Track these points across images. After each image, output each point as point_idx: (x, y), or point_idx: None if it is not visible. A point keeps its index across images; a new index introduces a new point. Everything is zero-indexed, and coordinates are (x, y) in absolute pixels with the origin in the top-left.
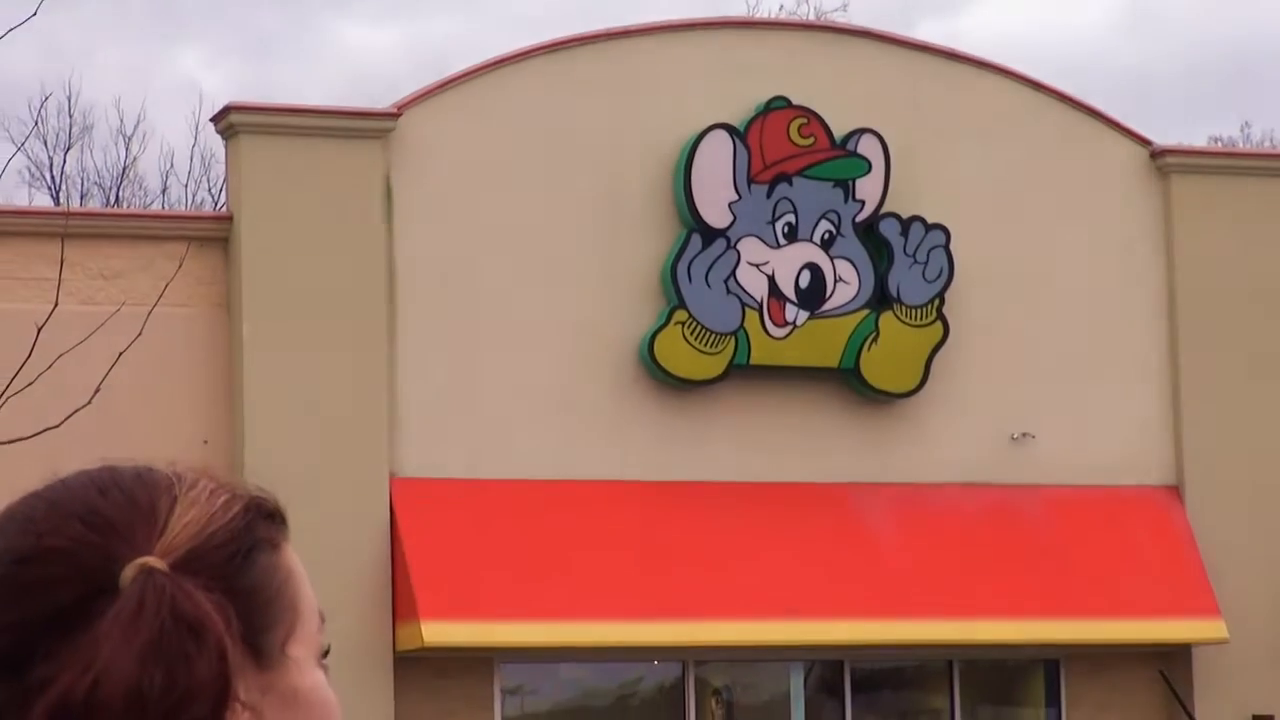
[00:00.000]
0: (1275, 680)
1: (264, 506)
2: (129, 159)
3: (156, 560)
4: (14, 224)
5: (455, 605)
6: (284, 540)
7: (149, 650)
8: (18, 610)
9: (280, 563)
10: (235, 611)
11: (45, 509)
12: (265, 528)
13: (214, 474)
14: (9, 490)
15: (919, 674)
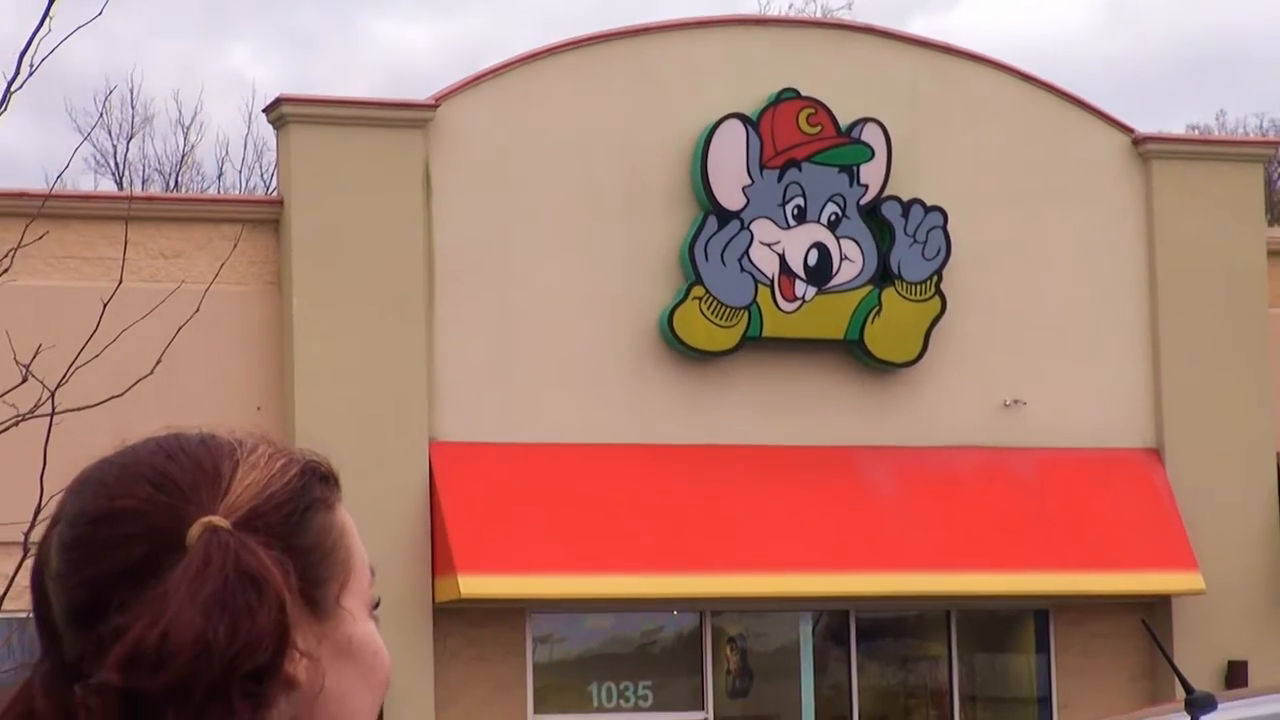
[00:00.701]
0: (1249, 629)
1: (318, 469)
2: (187, 147)
3: (220, 519)
4: (81, 208)
5: (490, 560)
6: (337, 500)
7: (214, 602)
8: (93, 567)
9: (334, 521)
10: (293, 565)
11: (117, 473)
12: (320, 489)
13: (272, 439)
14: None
15: (919, 623)
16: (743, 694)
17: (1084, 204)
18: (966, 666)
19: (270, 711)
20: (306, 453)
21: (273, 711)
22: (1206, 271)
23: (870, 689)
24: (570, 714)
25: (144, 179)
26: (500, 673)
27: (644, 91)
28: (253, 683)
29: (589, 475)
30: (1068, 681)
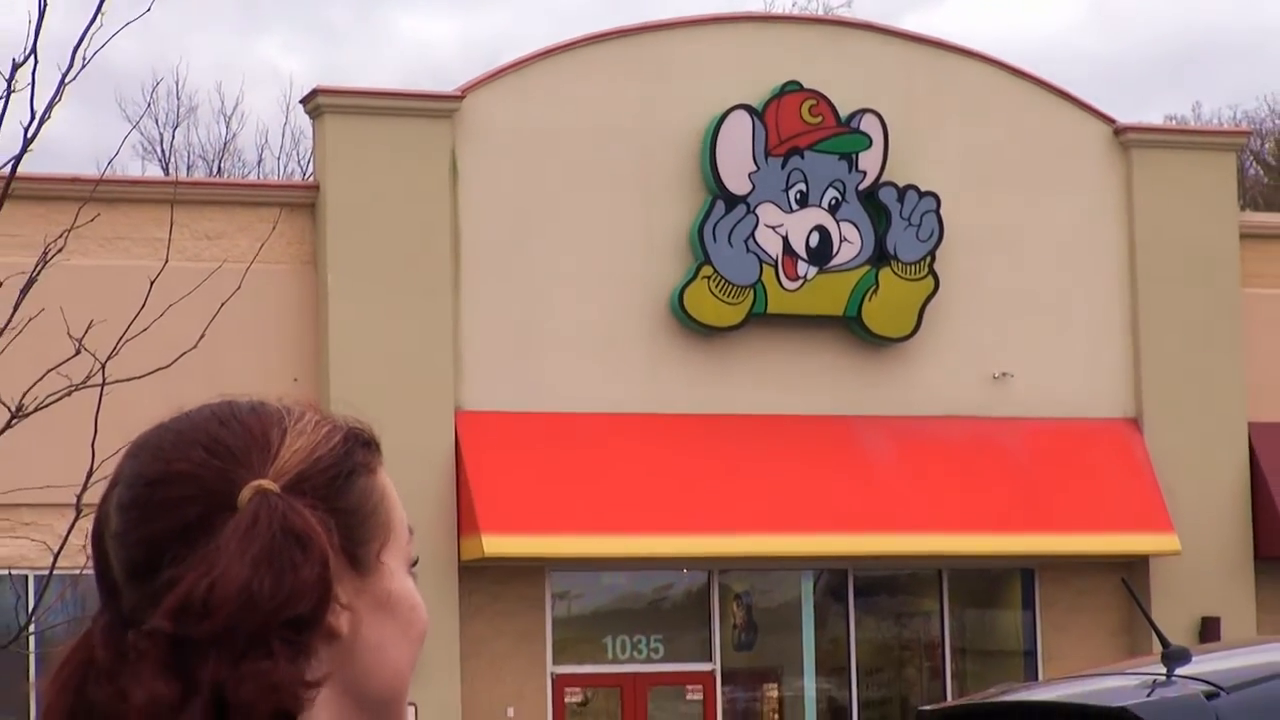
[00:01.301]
0: (1221, 587)
1: (361, 436)
2: (229, 135)
3: (270, 482)
4: (130, 192)
5: (511, 521)
6: (379, 465)
7: (260, 558)
8: (149, 526)
9: (375, 484)
10: (336, 525)
11: (173, 438)
12: (363, 454)
13: (318, 408)
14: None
15: (913, 581)
16: (748, 647)
17: (1068, 189)
18: (957, 621)
19: (310, 660)
20: (349, 420)
21: (313, 660)
22: (1183, 253)
23: (867, 642)
24: (586, 665)
25: (189, 165)
26: (521, 626)
27: (656, 83)
28: (293, 631)
29: (604, 442)
30: (1052, 636)
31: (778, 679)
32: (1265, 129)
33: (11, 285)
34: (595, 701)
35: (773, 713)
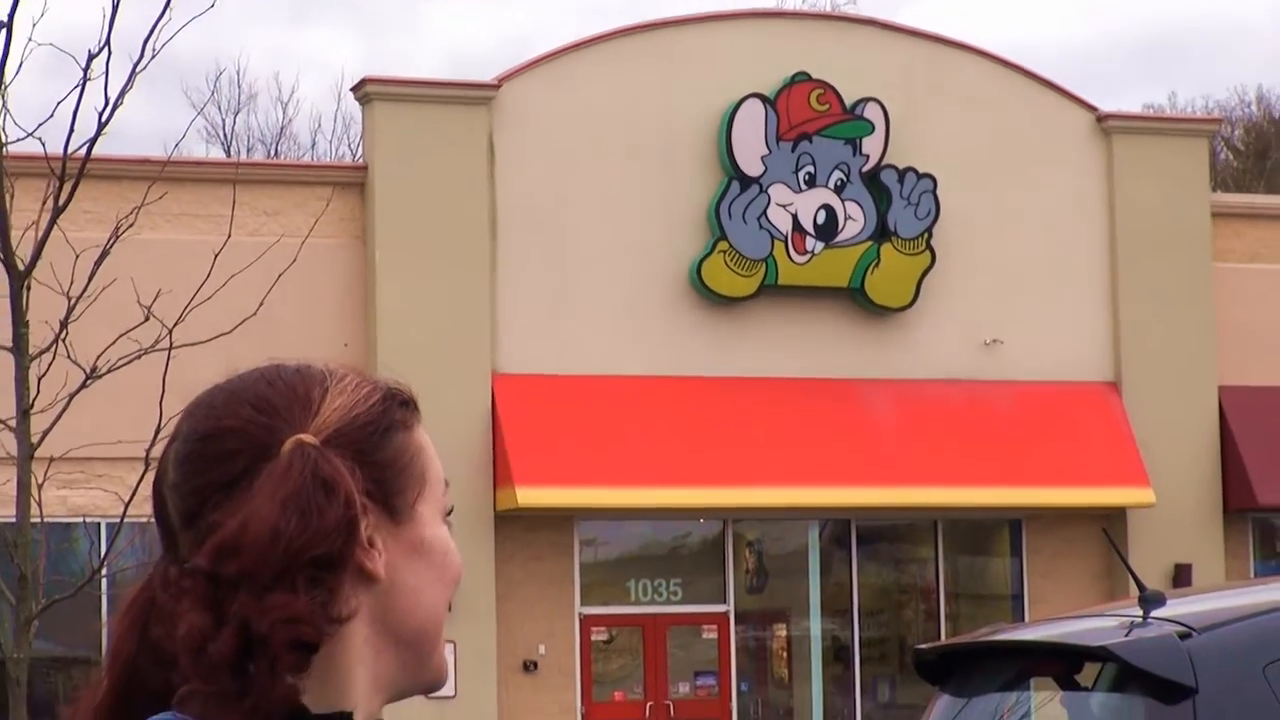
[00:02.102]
0: (1192, 537)
1: (399, 395)
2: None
3: (309, 436)
4: (195, 172)
5: (543, 474)
6: (416, 423)
7: (289, 500)
8: (201, 477)
9: (412, 440)
10: (373, 477)
11: (224, 397)
12: (400, 412)
13: (360, 370)
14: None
15: (910, 530)
16: (759, 590)
17: (1054, 171)
18: (951, 568)
19: (337, 597)
20: (389, 381)
21: (341, 597)
22: (1159, 230)
23: (868, 587)
24: (611, 606)
25: (249, 148)
26: (551, 570)
27: (677, 73)
28: (318, 569)
29: (628, 402)
30: (1038, 581)
31: (786, 620)
32: (1235, 117)
33: (87, 257)
34: (619, 640)
35: (782, 651)
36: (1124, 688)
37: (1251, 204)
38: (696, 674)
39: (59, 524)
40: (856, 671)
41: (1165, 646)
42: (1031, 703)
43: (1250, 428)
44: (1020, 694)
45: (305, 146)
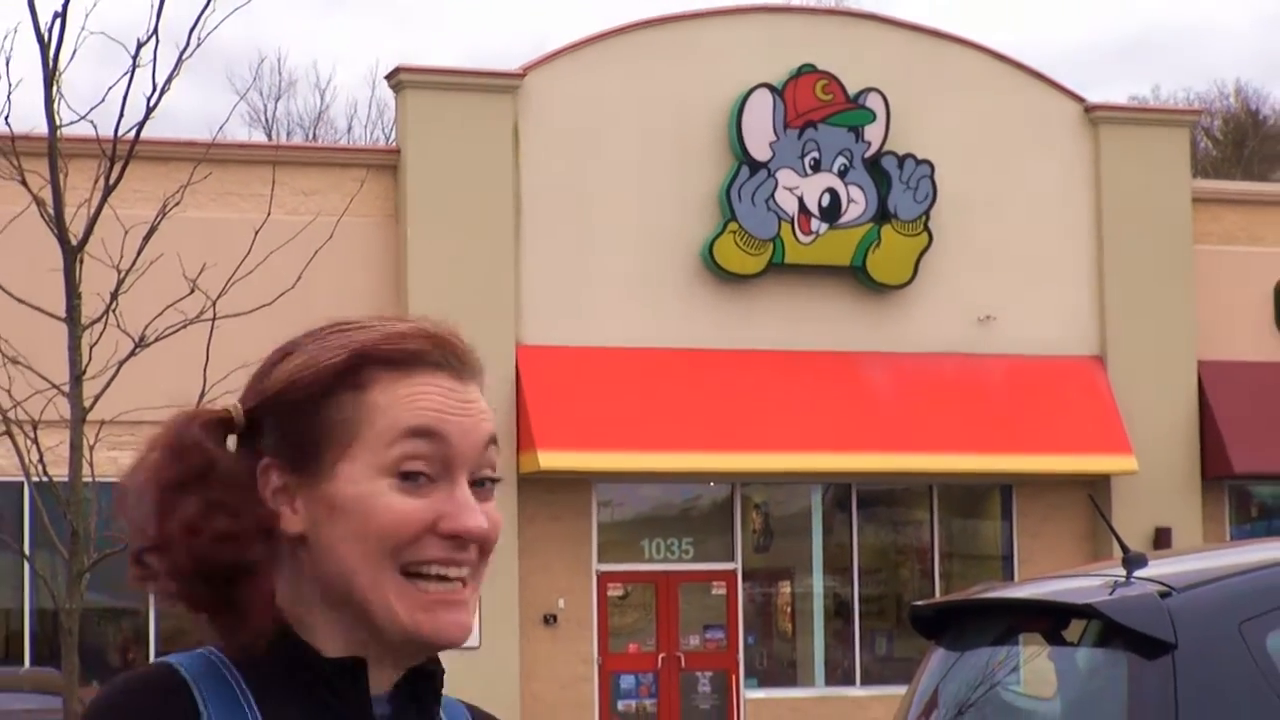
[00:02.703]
0: (1171, 502)
1: (376, 355)
2: (323, 106)
3: (235, 405)
4: (238, 154)
5: (563, 439)
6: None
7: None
8: None
9: (358, 400)
10: (294, 438)
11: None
12: (371, 373)
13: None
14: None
15: (907, 494)
16: (765, 550)
17: (1045, 158)
18: (945, 530)
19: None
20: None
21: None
22: (1143, 214)
23: (867, 547)
24: (626, 564)
25: (288, 132)
26: (570, 530)
27: (691, 64)
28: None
29: (643, 372)
30: (1026, 543)
31: (790, 577)
32: (1215, 108)
33: (135, 233)
34: (633, 595)
35: (786, 606)
36: (1108, 643)
37: (1229, 190)
38: (706, 627)
39: (109, 483)
40: (856, 626)
41: (1147, 605)
42: (1020, 657)
43: (1227, 400)
44: (1010, 648)
45: (341, 131)
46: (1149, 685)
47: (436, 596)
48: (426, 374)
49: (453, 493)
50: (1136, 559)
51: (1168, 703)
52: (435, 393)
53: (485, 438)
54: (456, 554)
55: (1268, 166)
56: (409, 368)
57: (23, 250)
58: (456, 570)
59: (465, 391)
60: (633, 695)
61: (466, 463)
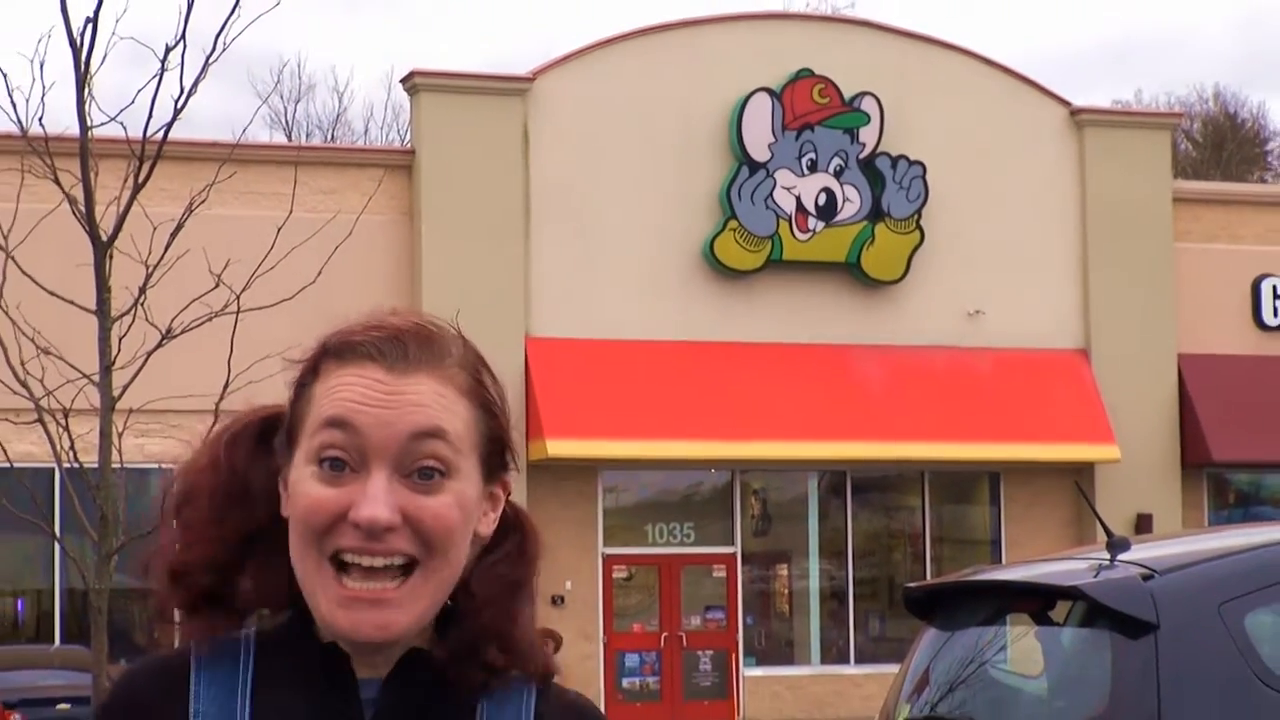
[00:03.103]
0: (1153, 489)
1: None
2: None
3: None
4: (260, 154)
5: (570, 428)
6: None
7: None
8: None
9: (311, 390)
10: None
11: None
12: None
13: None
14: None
15: (899, 481)
16: (763, 534)
17: (1031, 159)
18: (936, 515)
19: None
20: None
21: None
22: (1126, 213)
23: (862, 532)
24: (631, 548)
25: (307, 133)
26: (577, 515)
27: (693, 69)
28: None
29: (647, 364)
30: (1014, 528)
31: (788, 560)
32: (1194, 112)
33: (163, 230)
34: (637, 577)
35: (783, 588)
36: (1092, 624)
37: (1209, 190)
38: (707, 608)
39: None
40: (850, 607)
41: (1130, 586)
42: (1008, 637)
43: (1206, 391)
44: (998, 629)
45: (359, 132)
46: (1132, 664)
47: (354, 593)
48: (358, 365)
49: (365, 483)
50: (1120, 543)
51: (1150, 680)
52: (358, 384)
53: (408, 430)
54: (369, 544)
55: (1245, 168)
56: (345, 359)
57: (55, 246)
58: (371, 560)
59: (397, 384)
60: (637, 673)
61: (384, 454)
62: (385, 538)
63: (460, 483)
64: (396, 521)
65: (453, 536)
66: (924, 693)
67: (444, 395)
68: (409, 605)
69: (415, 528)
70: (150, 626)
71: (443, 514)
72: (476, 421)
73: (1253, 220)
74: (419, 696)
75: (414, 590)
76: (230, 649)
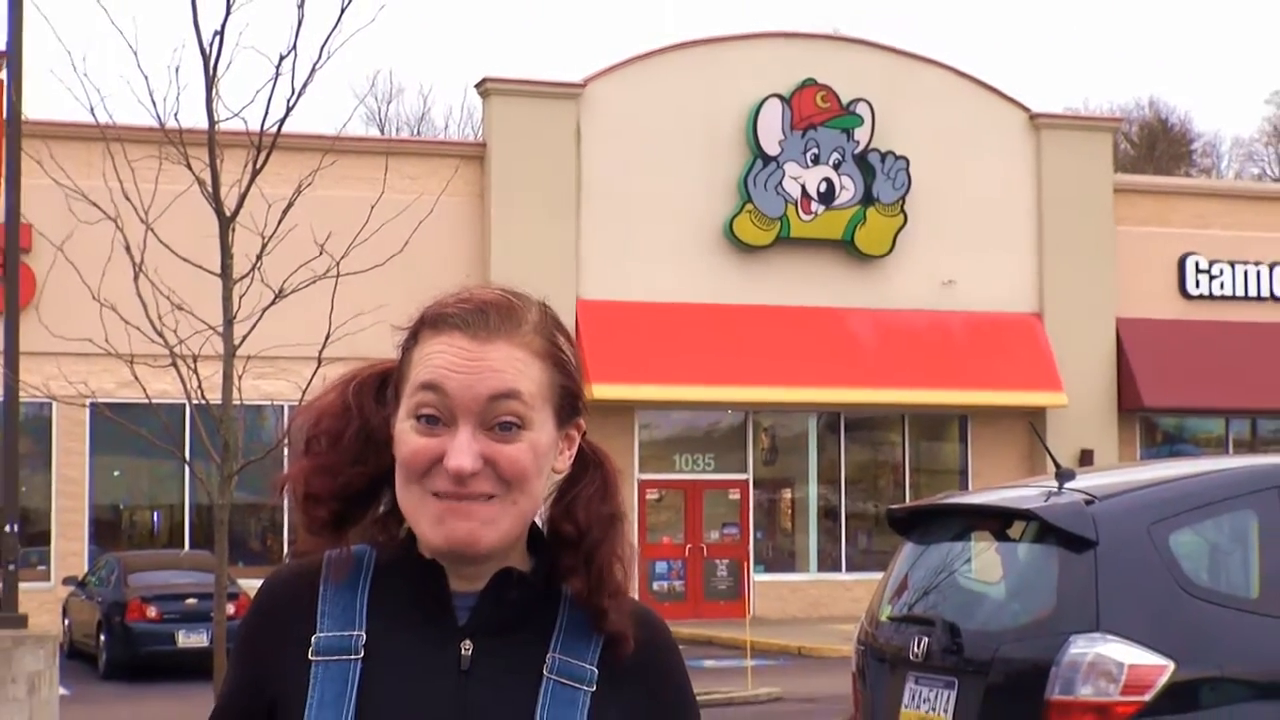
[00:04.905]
0: (1094, 429)
1: (426, 317)
2: (425, 108)
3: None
4: (358, 145)
5: (612, 374)
6: (424, 338)
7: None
8: None
9: (413, 354)
10: (394, 379)
11: None
12: (421, 331)
13: (475, 289)
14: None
15: (884, 421)
16: (771, 464)
17: (997, 155)
18: (914, 449)
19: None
20: (435, 304)
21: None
22: (1074, 200)
23: (853, 463)
24: (661, 474)
25: (397, 128)
26: (616, 447)
27: (717, 78)
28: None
29: (676, 322)
30: (979, 460)
31: (791, 486)
32: (1133, 117)
33: (276, 208)
34: (667, 499)
35: (787, 508)
36: (1043, 540)
37: (1143, 183)
38: (724, 525)
39: (253, 406)
40: (843, 525)
41: (1074, 510)
42: (973, 550)
43: (1139, 349)
44: (965, 544)
45: (439, 128)
46: (1075, 573)
47: (446, 506)
48: (448, 334)
49: (454, 435)
50: (1066, 474)
51: (1090, 587)
52: (448, 352)
53: (488, 393)
54: (458, 488)
55: (1174, 164)
56: (438, 328)
57: (187, 220)
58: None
59: (479, 351)
60: (665, 578)
61: (468, 412)
62: (470, 482)
63: (534, 432)
64: (479, 468)
65: (526, 476)
66: (903, 596)
67: (519, 359)
68: (493, 525)
69: (495, 470)
70: (263, 535)
71: (517, 458)
72: (550, 378)
73: (1180, 208)
74: (508, 606)
75: (497, 514)
76: (353, 561)
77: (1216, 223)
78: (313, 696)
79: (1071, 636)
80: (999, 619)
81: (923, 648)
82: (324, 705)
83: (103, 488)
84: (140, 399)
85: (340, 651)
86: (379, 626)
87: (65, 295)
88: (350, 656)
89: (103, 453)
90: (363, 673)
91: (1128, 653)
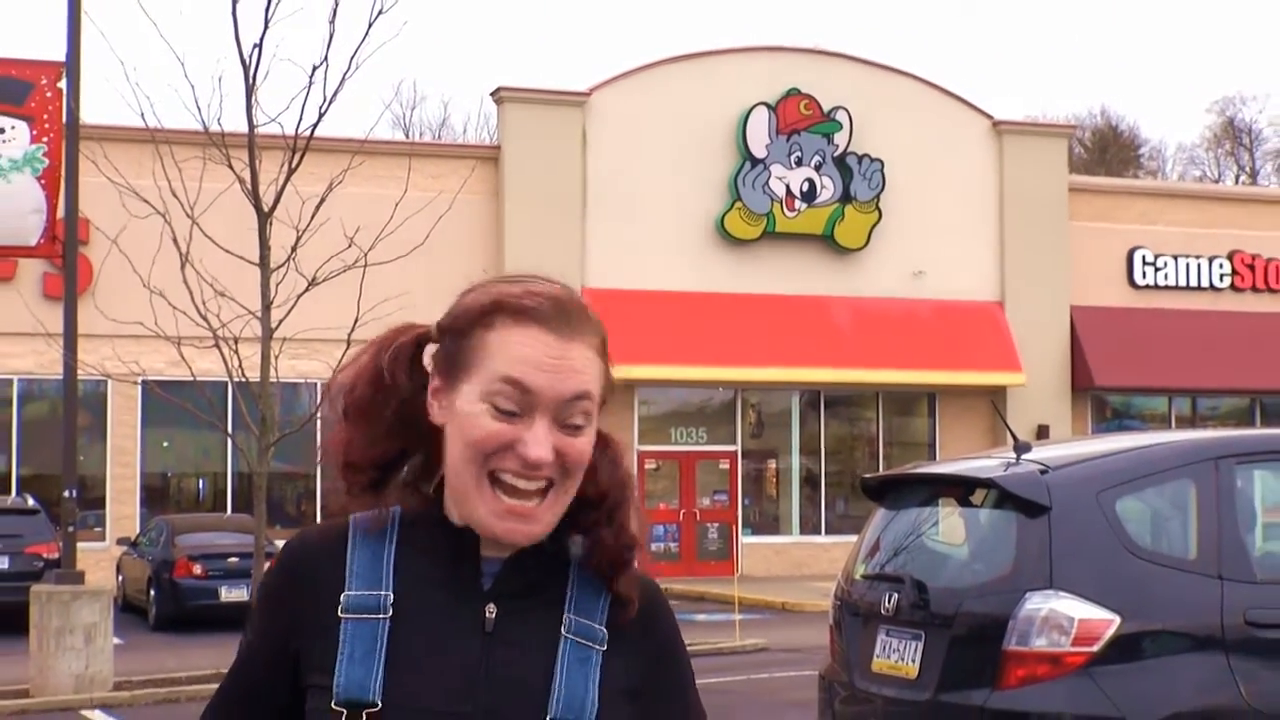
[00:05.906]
0: (1050, 407)
1: (506, 305)
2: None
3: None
4: (384, 148)
5: (615, 356)
6: (503, 326)
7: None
8: None
9: (489, 336)
10: (449, 352)
11: None
12: (498, 318)
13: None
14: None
15: (860, 399)
16: (757, 437)
17: (962, 158)
18: (887, 424)
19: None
20: (520, 292)
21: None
22: (1033, 199)
23: (832, 436)
24: (658, 445)
25: (420, 132)
26: (618, 421)
27: (710, 87)
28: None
29: (673, 308)
30: (946, 435)
31: (775, 457)
32: (1086, 124)
33: (310, 203)
34: (663, 469)
35: (772, 477)
36: (1002, 506)
37: (1095, 183)
38: (714, 492)
39: (289, 383)
40: (822, 492)
41: (1030, 479)
42: (939, 515)
43: (1091, 333)
44: (932, 509)
45: (459, 132)
46: (1031, 536)
47: (509, 507)
48: (535, 328)
49: (531, 426)
50: (1023, 446)
51: (1044, 549)
52: (535, 346)
53: (569, 393)
54: (527, 471)
55: (1123, 167)
56: (524, 319)
57: (229, 215)
58: (527, 484)
59: (563, 349)
60: (661, 540)
61: (548, 408)
62: (538, 469)
63: (594, 425)
64: (552, 459)
65: (585, 465)
66: (876, 556)
67: (590, 359)
68: (547, 517)
69: (562, 460)
70: (298, 500)
71: (584, 451)
72: (604, 374)
73: (1128, 206)
74: (529, 572)
75: (550, 506)
76: (381, 522)
77: (1161, 220)
78: (343, 653)
79: (1027, 593)
80: (962, 577)
81: (893, 603)
82: (354, 661)
83: (153, 457)
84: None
85: (369, 610)
86: (405, 587)
87: (119, 283)
88: (379, 615)
89: (153, 425)
90: (390, 631)
91: (1078, 608)
